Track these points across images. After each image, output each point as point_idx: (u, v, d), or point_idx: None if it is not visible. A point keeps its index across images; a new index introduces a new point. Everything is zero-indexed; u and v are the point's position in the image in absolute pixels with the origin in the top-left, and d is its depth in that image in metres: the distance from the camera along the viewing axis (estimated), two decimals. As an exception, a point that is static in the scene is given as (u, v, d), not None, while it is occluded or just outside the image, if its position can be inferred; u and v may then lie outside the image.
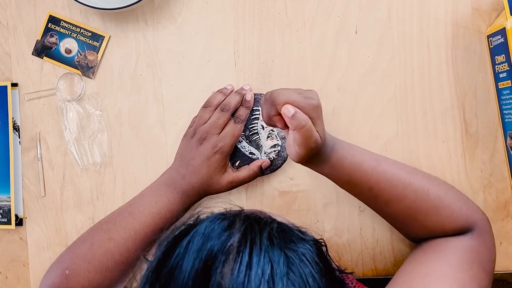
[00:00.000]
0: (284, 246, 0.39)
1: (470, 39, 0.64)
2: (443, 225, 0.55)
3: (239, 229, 0.40)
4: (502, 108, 0.61)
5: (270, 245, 0.39)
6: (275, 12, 0.66)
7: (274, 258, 0.38)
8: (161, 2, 0.67)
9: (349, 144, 0.57)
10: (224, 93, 0.64)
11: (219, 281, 0.36)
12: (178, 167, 0.62)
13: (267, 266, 0.37)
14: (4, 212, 0.68)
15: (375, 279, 0.65)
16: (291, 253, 0.39)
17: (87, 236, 0.62)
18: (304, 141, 0.49)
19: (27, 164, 0.69)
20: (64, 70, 0.68)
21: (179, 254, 0.39)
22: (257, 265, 0.37)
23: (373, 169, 0.55)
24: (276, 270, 0.37)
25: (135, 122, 0.68)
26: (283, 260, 0.38)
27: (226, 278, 0.36)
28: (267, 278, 0.36)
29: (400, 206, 0.55)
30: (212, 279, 0.36)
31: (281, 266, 0.38)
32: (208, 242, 0.39)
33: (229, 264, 0.37)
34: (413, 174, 0.57)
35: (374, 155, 0.58)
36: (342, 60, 0.65)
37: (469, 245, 0.54)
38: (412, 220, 0.56)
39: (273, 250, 0.38)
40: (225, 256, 0.37)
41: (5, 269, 0.70)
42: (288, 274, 0.37)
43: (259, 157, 0.64)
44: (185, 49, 0.67)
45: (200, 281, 0.37)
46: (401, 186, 0.55)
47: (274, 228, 0.41)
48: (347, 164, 0.54)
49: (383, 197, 0.55)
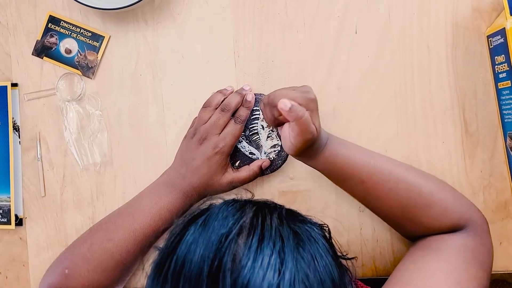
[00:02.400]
0: (293, 225, 0.43)
1: (470, 39, 0.64)
2: (436, 221, 0.55)
3: (250, 210, 0.43)
4: (502, 108, 0.61)
5: (279, 223, 0.42)
6: (275, 12, 0.66)
7: (284, 233, 0.41)
8: (161, 2, 0.67)
9: (342, 140, 0.59)
10: (223, 93, 0.64)
11: (235, 251, 0.39)
12: (178, 167, 0.62)
13: (278, 240, 0.40)
14: (4, 212, 0.68)
15: (375, 279, 0.65)
16: (299, 231, 0.42)
17: (87, 236, 0.62)
18: (302, 132, 0.50)
19: (27, 164, 0.69)
20: (64, 70, 0.68)
21: (195, 231, 0.41)
22: (269, 239, 0.40)
23: (365, 162, 0.56)
24: (286, 244, 0.40)
25: (135, 122, 0.68)
26: (292, 236, 0.41)
27: (240, 249, 0.39)
28: (278, 249, 0.39)
29: (392, 202, 0.56)
30: (228, 251, 0.39)
31: (291, 241, 0.41)
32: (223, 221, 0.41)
33: (243, 238, 0.40)
34: (406, 170, 0.57)
35: (367, 151, 0.59)
36: (342, 60, 0.65)
37: (467, 243, 0.54)
38: (406, 216, 0.56)
39: (283, 227, 0.42)
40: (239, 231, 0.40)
41: (5, 269, 0.70)
42: (297, 248, 0.40)
43: (259, 157, 0.64)
44: (185, 49, 0.67)
45: (215, 254, 0.39)
46: (393, 181, 0.56)
47: (283, 210, 0.45)
48: (340, 157, 0.56)
49: (375, 191, 0.56)
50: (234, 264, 0.38)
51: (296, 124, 0.49)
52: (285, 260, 0.39)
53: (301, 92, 0.52)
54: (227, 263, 0.38)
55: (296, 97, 0.51)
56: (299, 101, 0.50)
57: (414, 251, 0.56)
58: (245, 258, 0.38)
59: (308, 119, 0.49)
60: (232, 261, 0.38)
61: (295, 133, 0.50)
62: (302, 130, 0.50)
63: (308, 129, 0.50)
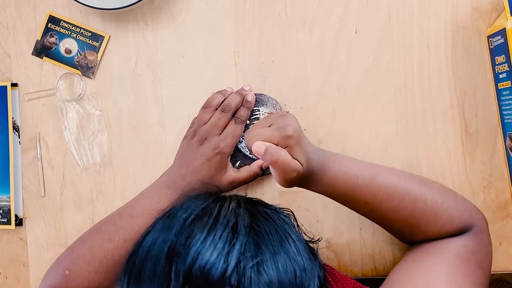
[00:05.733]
0: (250, 207, 0.46)
1: (470, 39, 0.64)
2: (441, 230, 0.54)
3: (212, 199, 0.47)
4: (502, 108, 0.61)
5: (237, 205, 0.46)
6: (275, 12, 0.66)
7: (239, 212, 0.44)
8: (161, 2, 0.67)
9: (341, 159, 0.55)
10: (223, 94, 0.64)
11: (191, 231, 0.42)
12: (178, 168, 0.62)
13: (232, 218, 0.43)
14: (4, 212, 0.68)
15: (375, 279, 0.65)
16: (255, 211, 0.46)
17: (87, 237, 0.62)
18: (282, 174, 0.48)
19: (27, 164, 0.69)
20: (64, 70, 0.68)
21: (161, 221, 0.46)
22: (224, 218, 0.43)
23: (368, 183, 0.53)
24: (240, 221, 0.43)
25: (135, 122, 0.68)
26: (248, 215, 0.44)
27: (196, 229, 0.42)
28: (232, 225, 0.42)
29: (398, 217, 0.54)
30: (184, 231, 0.42)
31: (245, 218, 0.44)
32: (186, 209, 0.45)
33: (200, 219, 0.43)
34: (410, 182, 0.55)
35: (368, 167, 0.55)
36: (342, 60, 0.65)
37: (466, 244, 0.54)
38: (411, 228, 0.55)
39: (239, 208, 0.45)
40: (197, 215, 0.44)
41: (5, 269, 0.70)
42: (251, 225, 0.43)
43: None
44: (185, 49, 0.67)
45: (174, 235, 0.42)
46: (398, 197, 0.54)
47: (243, 197, 0.49)
48: (341, 182, 0.53)
49: (380, 210, 0.54)
50: (188, 240, 0.41)
51: (273, 167, 0.48)
52: (237, 234, 0.42)
53: (277, 128, 0.48)
54: (181, 240, 0.41)
55: (272, 136, 0.48)
56: (275, 141, 0.47)
57: (414, 252, 0.56)
58: (199, 234, 0.41)
59: (285, 160, 0.47)
60: (186, 237, 0.41)
61: (276, 174, 0.49)
62: (282, 171, 0.48)
63: (288, 168, 0.48)
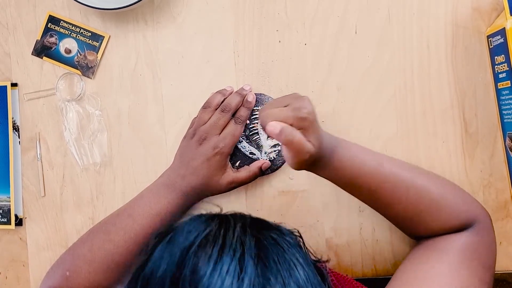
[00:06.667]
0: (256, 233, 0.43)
1: (470, 39, 0.64)
2: (445, 224, 0.55)
3: (215, 223, 0.44)
4: (502, 108, 0.61)
5: (242, 232, 0.42)
6: (275, 12, 0.66)
7: (245, 241, 0.41)
8: (161, 2, 0.67)
9: (349, 145, 0.56)
10: (223, 93, 0.64)
11: (195, 262, 0.39)
12: (178, 168, 0.62)
13: (239, 248, 0.40)
14: (3, 212, 0.68)
15: (374, 279, 0.65)
16: (262, 237, 0.43)
17: (87, 237, 0.62)
18: (296, 154, 0.48)
19: (27, 164, 0.69)
20: (64, 70, 0.68)
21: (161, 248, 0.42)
22: (230, 247, 0.40)
23: (374, 171, 0.54)
24: (247, 251, 0.40)
25: (135, 122, 0.68)
26: (254, 243, 0.42)
27: (200, 260, 0.39)
28: (239, 256, 0.40)
29: (402, 207, 0.55)
30: (188, 263, 0.39)
31: (252, 248, 0.41)
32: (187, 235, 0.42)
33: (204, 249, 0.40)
34: (415, 173, 0.56)
35: (375, 156, 0.56)
36: (342, 60, 0.65)
37: (468, 242, 0.54)
38: (414, 220, 0.56)
39: (245, 235, 0.42)
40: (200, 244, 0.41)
41: (5, 269, 0.70)
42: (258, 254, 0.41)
43: (260, 157, 0.64)
44: (185, 49, 0.67)
45: (177, 267, 0.40)
46: (403, 188, 0.54)
47: (248, 219, 0.45)
48: (348, 168, 0.54)
49: (385, 199, 0.55)
50: (194, 275, 0.39)
51: (288, 148, 0.48)
52: (245, 267, 0.39)
53: (293, 110, 0.48)
54: (187, 274, 0.39)
55: (287, 117, 0.47)
56: (290, 122, 0.47)
57: (418, 252, 0.56)
58: (204, 268, 0.39)
59: (300, 141, 0.47)
60: (192, 272, 0.39)
61: (290, 155, 0.49)
62: (296, 152, 0.48)
63: (302, 150, 0.48)
